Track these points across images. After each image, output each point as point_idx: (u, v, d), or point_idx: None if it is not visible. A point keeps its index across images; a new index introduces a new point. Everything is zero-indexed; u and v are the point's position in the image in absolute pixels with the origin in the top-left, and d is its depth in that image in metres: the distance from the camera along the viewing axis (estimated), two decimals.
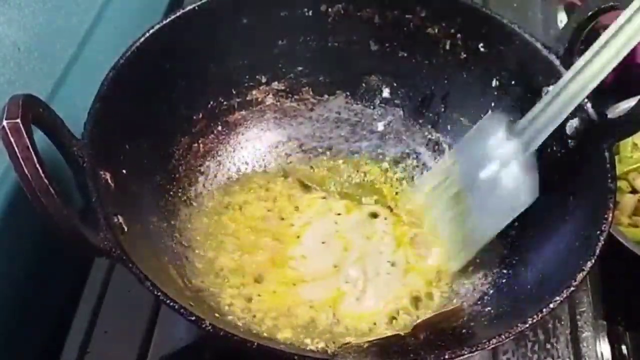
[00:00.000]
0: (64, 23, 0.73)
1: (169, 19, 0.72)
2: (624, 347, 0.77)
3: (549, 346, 0.73)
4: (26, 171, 0.52)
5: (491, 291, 0.71)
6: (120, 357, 0.71)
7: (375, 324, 0.70)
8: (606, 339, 0.76)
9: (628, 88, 0.88)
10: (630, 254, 0.76)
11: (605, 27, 0.61)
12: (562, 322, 0.74)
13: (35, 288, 0.75)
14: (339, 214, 0.79)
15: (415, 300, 0.73)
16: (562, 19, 1.09)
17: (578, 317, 0.75)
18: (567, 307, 0.75)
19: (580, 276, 0.58)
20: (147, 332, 0.72)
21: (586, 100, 0.69)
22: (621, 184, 0.85)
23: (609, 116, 0.69)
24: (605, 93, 0.60)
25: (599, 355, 0.74)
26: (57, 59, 0.72)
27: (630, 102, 0.85)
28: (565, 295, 0.57)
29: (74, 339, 0.72)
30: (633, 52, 0.94)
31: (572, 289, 0.58)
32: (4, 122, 0.52)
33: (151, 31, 0.70)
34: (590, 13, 0.69)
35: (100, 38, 0.79)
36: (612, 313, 0.79)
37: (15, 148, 0.52)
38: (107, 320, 0.73)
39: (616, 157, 0.85)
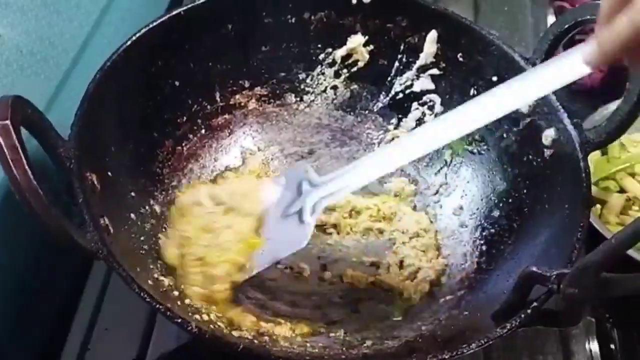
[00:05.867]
0: (66, 27, 0.73)
1: (154, 24, 0.73)
2: (612, 344, 0.78)
3: (538, 343, 0.75)
4: (14, 172, 0.52)
5: (468, 297, 0.72)
6: (120, 354, 0.72)
7: None
8: (595, 336, 0.77)
9: (616, 90, 0.89)
10: None
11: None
12: None
13: (37, 286, 0.75)
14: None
15: None
16: (551, 21, 1.10)
17: None
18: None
19: None
20: (147, 329, 0.72)
21: (563, 110, 0.71)
22: (609, 183, 0.86)
23: (584, 127, 0.71)
24: (592, 95, 0.61)
25: (588, 352, 0.76)
26: (59, 62, 0.73)
27: (618, 104, 0.87)
28: (542, 301, 0.59)
29: (75, 336, 0.72)
30: None
31: (548, 294, 0.59)
32: None
33: (137, 35, 0.71)
34: (567, 25, 0.71)
35: (101, 42, 0.80)
36: (601, 311, 0.80)
37: (4, 149, 0.52)
38: (107, 317, 0.73)
39: (604, 158, 0.88)
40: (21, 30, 0.66)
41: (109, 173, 0.67)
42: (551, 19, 1.11)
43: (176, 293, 0.66)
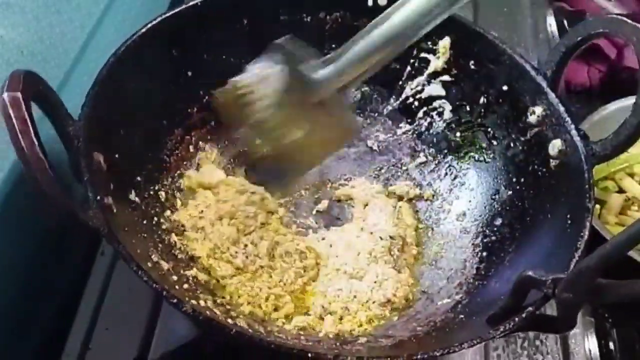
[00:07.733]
0: (67, 28, 0.74)
1: (173, 12, 0.74)
2: (611, 344, 0.78)
3: (538, 342, 0.75)
4: (22, 143, 0.53)
5: (465, 300, 0.72)
6: (121, 354, 0.72)
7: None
8: (594, 336, 0.78)
9: (615, 90, 0.90)
10: None
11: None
12: None
13: (38, 286, 0.75)
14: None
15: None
16: (551, 22, 1.12)
17: None
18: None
19: None
20: (148, 329, 0.73)
21: (571, 122, 0.71)
22: (608, 183, 0.87)
23: (590, 139, 0.71)
24: (592, 95, 0.60)
25: (587, 351, 0.76)
26: (59, 62, 0.74)
27: (617, 104, 0.88)
28: (537, 306, 0.59)
29: (76, 335, 0.73)
30: (620, 55, 0.97)
31: (544, 299, 0.59)
32: (5, 94, 0.54)
33: (153, 22, 0.72)
34: (579, 38, 0.71)
35: (102, 41, 0.81)
36: (599, 310, 0.80)
37: (14, 120, 0.53)
38: (108, 317, 0.74)
39: None
40: (22, 31, 0.67)
41: (116, 155, 0.67)
42: (551, 19, 1.12)
43: (175, 277, 0.66)
